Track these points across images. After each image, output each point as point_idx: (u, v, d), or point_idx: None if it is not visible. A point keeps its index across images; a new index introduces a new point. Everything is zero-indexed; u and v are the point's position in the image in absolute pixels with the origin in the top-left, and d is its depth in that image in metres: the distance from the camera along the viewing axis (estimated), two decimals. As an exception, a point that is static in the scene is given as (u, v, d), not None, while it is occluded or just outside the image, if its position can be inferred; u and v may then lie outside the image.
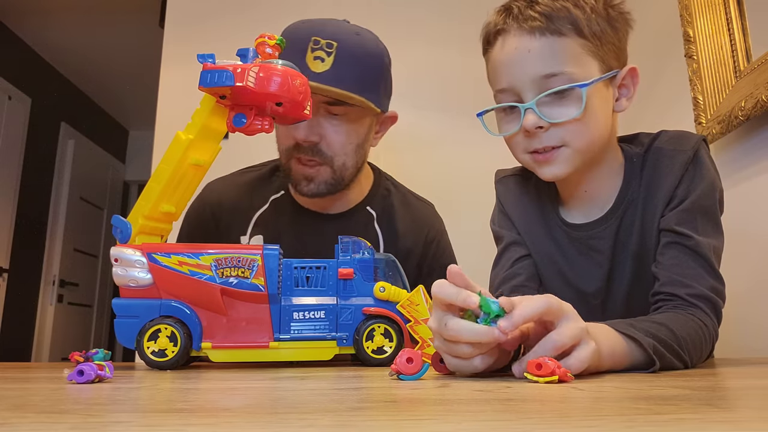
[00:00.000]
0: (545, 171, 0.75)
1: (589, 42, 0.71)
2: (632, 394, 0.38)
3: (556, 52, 0.70)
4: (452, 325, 0.49)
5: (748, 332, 1.10)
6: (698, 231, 0.71)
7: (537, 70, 0.70)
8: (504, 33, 0.73)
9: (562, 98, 0.70)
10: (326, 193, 0.97)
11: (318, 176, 0.95)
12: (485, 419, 0.30)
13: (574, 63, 0.70)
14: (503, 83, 0.74)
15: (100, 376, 0.48)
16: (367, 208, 1.05)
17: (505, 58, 0.73)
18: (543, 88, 0.70)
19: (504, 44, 0.73)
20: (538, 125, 0.71)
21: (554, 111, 0.71)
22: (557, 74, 0.70)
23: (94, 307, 4.31)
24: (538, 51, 0.70)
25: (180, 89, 1.74)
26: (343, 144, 0.95)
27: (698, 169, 0.73)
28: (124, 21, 3.25)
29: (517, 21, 0.72)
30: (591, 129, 0.72)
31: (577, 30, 0.70)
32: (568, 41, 0.70)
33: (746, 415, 0.31)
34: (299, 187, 0.96)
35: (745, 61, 1.16)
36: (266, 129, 0.69)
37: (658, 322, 0.61)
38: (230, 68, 0.64)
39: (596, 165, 0.78)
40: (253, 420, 0.29)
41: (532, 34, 0.70)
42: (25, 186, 3.48)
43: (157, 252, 0.68)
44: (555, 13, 0.70)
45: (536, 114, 0.71)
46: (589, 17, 0.71)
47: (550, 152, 0.73)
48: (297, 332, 0.70)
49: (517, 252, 0.85)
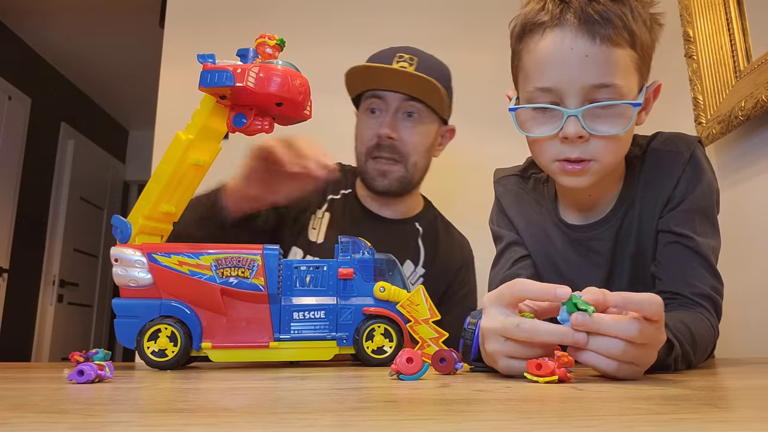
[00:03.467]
0: (571, 181, 0.71)
1: (637, 55, 0.68)
2: (632, 394, 0.38)
3: (611, 62, 0.66)
4: (527, 326, 0.48)
5: (748, 332, 1.10)
6: (697, 231, 0.71)
7: (590, 78, 0.66)
8: (560, 27, 0.67)
9: (606, 111, 0.67)
10: (397, 189, 1.08)
11: (392, 173, 1.07)
12: (485, 419, 0.30)
13: (623, 76, 0.67)
14: (547, 81, 0.68)
15: (100, 376, 0.48)
16: (416, 223, 1.16)
17: (557, 57, 0.67)
18: (589, 97, 0.67)
19: (557, 40, 0.67)
20: (581, 135, 0.67)
21: (598, 123, 0.67)
22: (608, 86, 0.66)
23: (94, 307, 4.31)
24: (595, 57, 0.65)
25: (180, 89, 1.74)
26: (417, 144, 1.07)
27: (695, 170, 0.74)
28: (124, 21, 3.25)
29: (577, 18, 0.66)
30: (623, 146, 0.71)
31: (631, 42, 0.67)
32: (622, 53, 0.66)
33: (746, 415, 0.31)
34: (374, 182, 1.08)
35: (745, 61, 1.16)
36: (266, 129, 0.68)
37: (683, 322, 0.60)
38: (230, 68, 0.64)
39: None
40: (253, 420, 0.29)
41: (592, 38, 0.65)
42: (25, 186, 3.47)
43: (157, 252, 0.68)
44: (615, 20, 0.65)
45: (580, 123, 0.66)
46: (641, 29, 0.67)
47: (581, 164, 0.69)
48: (297, 332, 0.70)
49: (517, 252, 0.84)
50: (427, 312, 0.66)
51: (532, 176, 0.88)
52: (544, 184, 0.86)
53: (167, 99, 1.82)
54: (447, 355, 0.55)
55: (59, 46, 3.58)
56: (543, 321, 0.48)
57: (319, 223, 1.10)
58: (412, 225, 1.15)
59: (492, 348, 0.51)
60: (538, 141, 0.71)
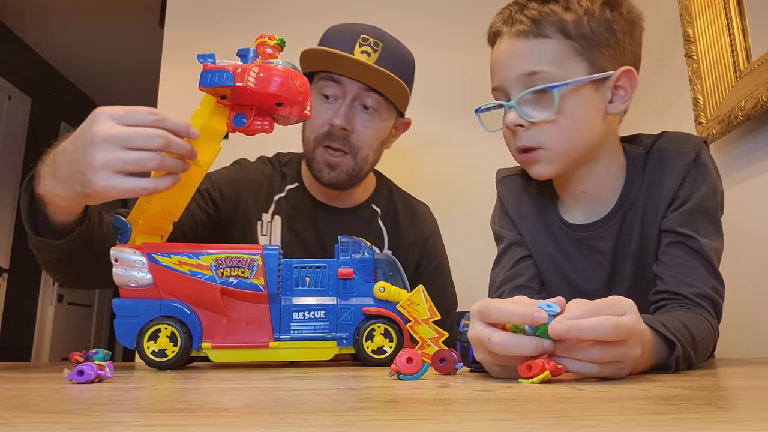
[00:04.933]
0: (531, 170, 0.77)
1: (575, 43, 0.72)
2: (632, 394, 0.38)
3: (537, 52, 0.72)
4: (497, 340, 0.48)
5: (749, 332, 1.10)
6: (700, 232, 0.72)
7: (519, 68, 0.73)
8: (499, 36, 0.77)
9: (541, 99, 0.72)
10: (345, 182, 1.02)
11: (341, 165, 1.00)
12: (485, 419, 0.30)
13: (556, 64, 0.71)
14: (495, 82, 0.77)
15: (100, 376, 0.48)
16: (372, 205, 1.11)
17: (496, 59, 0.77)
18: (527, 88, 0.72)
19: (497, 46, 0.77)
20: (517, 123, 0.73)
21: (532, 111, 0.73)
22: (537, 72, 0.71)
23: (94, 307, 4.31)
24: (522, 52, 0.73)
25: (180, 89, 1.74)
26: (370, 138, 1.01)
27: (700, 171, 0.74)
28: (124, 21, 3.25)
29: (508, 25, 0.75)
30: (568, 131, 0.73)
31: (563, 32, 0.72)
32: (552, 42, 0.72)
33: (746, 415, 0.31)
34: (321, 174, 1.01)
35: (745, 61, 1.16)
36: (266, 129, 0.68)
37: (682, 323, 0.61)
38: (230, 68, 0.64)
39: (592, 166, 0.77)
40: (253, 420, 0.29)
41: (518, 37, 0.73)
42: (25, 186, 3.47)
43: (157, 252, 0.68)
44: (542, 17, 0.72)
45: (517, 112, 0.73)
46: (580, 19, 0.72)
47: (531, 153, 0.74)
48: (297, 332, 0.70)
49: (518, 252, 0.84)
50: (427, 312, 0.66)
51: (533, 176, 0.89)
52: (545, 183, 0.87)
53: (167, 99, 1.82)
54: (447, 355, 0.56)
55: (59, 46, 3.58)
56: (514, 334, 0.49)
57: (268, 228, 1.05)
58: (369, 208, 1.11)
59: (479, 357, 0.53)
60: (504, 138, 0.78)
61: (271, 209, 1.06)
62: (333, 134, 0.99)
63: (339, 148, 0.99)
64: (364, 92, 0.99)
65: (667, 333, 0.56)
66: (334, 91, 0.99)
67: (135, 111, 0.65)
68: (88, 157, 0.63)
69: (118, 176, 0.63)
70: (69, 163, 0.65)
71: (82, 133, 0.65)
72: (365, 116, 1.00)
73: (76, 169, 0.64)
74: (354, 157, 1.01)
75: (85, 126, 0.65)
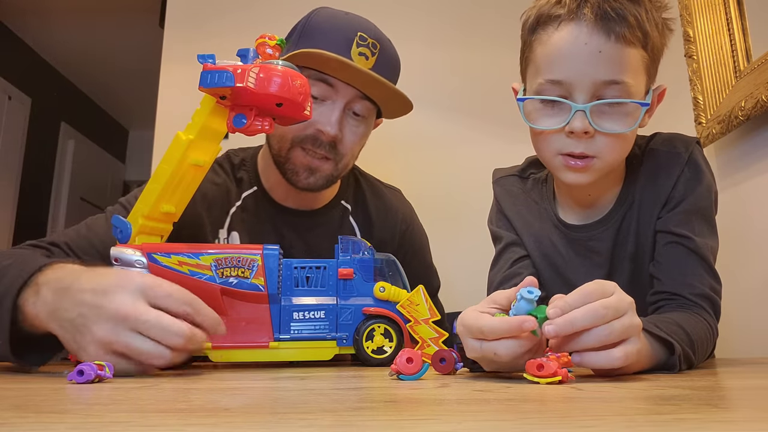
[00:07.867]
0: (572, 177, 0.71)
1: (648, 56, 0.68)
2: (632, 394, 0.39)
3: (623, 60, 0.66)
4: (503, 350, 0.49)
5: (749, 332, 1.10)
6: (695, 232, 0.72)
7: (601, 74, 0.66)
8: (575, 21, 0.67)
9: (614, 109, 0.67)
10: (322, 187, 0.94)
11: (321, 170, 0.92)
12: (485, 419, 0.30)
13: (633, 75, 0.67)
14: (558, 74, 0.68)
15: (100, 376, 0.48)
16: (342, 202, 1.04)
17: (570, 50, 0.67)
18: (598, 93, 0.67)
19: (572, 33, 0.67)
20: (587, 130, 0.67)
21: (604, 120, 0.67)
22: (618, 83, 0.66)
23: (94, 307, 4.30)
24: (608, 54, 0.66)
25: (180, 89, 1.74)
26: (355, 145, 0.94)
27: (694, 171, 0.74)
28: (124, 21, 3.25)
29: (594, 13, 0.66)
30: (624, 146, 0.71)
31: (644, 42, 0.67)
32: (634, 52, 0.67)
33: (746, 415, 0.31)
34: (297, 177, 0.92)
35: (745, 61, 1.16)
36: (266, 129, 0.68)
37: (677, 324, 0.61)
38: (230, 69, 0.64)
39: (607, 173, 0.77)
40: (253, 420, 0.29)
41: (607, 34, 0.65)
42: (25, 186, 3.47)
43: (157, 252, 0.68)
44: (631, 19, 0.65)
45: (587, 118, 0.66)
46: (654, 31, 0.67)
47: (584, 160, 0.69)
48: (297, 332, 0.70)
49: (516, 252, 0.84)
50: (427, 312, 0.66)
51: (530, 176, 0.88)
52: (542, 184, 0.87)
53: (167, 99, 1.82)
54: (447, 355, 0.56)
55: (59, 46, 3.58)
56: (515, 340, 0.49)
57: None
58: (339, 205, 1.03)
59: (491, 368, 0.53)
60: (543, 133, 0.71)
61: (226, 224, 0.95)
62: (319, 140, 0.90)
63: (324, 155, 0.91)
64: (358, 99, 0.91)
65: (661, 333, 0.56)
66: (324, 92, 0.90)
67: (173, 295, 0.57)
68: (91, 326, 0.55)
69: (113, 357, 0.55)
70: (73, 312, 0.56)
71: (103, 290, 0.56)
72: (353, 122, 0.93)
73: (76, 326, 0.56)
74: (336, 164, 0.93)
75: (108, 283, 0.57)
